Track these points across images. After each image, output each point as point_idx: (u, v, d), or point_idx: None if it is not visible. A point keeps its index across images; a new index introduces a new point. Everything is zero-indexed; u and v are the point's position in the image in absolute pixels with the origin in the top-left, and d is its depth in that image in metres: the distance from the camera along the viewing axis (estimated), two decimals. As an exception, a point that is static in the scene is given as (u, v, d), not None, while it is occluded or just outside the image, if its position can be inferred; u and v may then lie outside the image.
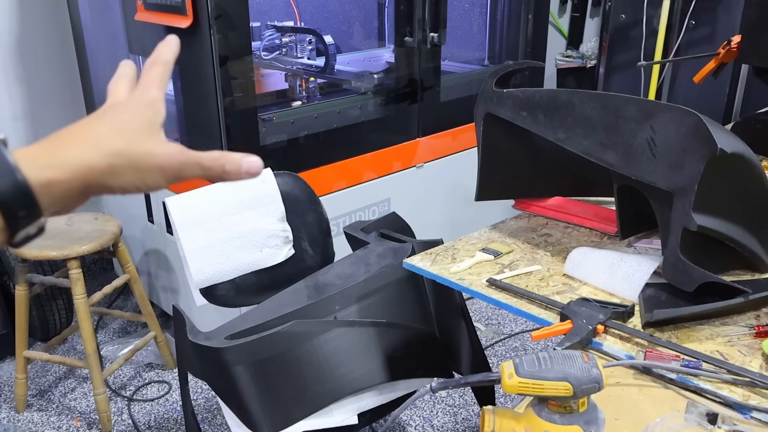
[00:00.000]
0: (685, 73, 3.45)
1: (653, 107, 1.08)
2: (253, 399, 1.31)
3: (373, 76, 2.50)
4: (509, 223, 1.49)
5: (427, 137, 2.65)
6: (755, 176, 1.12)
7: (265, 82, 2.50)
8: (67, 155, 0.47)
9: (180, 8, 1.94)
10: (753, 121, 1.85)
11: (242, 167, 0.53)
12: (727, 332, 1.04)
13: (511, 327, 2.69)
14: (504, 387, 0.78)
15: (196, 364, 1.44)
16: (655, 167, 1.07)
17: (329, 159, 2.33)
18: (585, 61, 3.77)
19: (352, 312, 1.41)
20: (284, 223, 1.76)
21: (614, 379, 0.97)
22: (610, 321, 1.05)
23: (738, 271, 1.20)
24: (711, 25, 3.32)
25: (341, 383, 1.36)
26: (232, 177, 0.53)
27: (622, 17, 3.55)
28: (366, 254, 1.61)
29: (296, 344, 1.33)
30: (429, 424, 2.17)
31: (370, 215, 2.50)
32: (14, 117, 2.62)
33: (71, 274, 2.01)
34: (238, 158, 0.54)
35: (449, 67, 2.92)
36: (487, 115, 1.38)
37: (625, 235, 1.35)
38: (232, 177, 0.53)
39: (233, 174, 0.53)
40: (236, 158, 0.53)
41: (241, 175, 0.53)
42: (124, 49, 2.37)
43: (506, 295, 1.18)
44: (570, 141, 1.20)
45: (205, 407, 2.24)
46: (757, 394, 0.90)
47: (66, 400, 2.29)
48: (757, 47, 1.68)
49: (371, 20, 3.12)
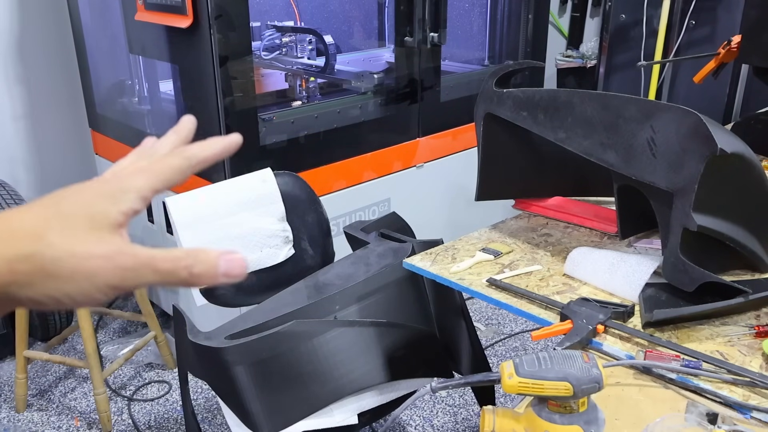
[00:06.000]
0: (685, 73, 3.45)
1: (653, 107, 1.08)
2: (253, 399, 1.31)
3: (373, 76, 2.50)
4: (509, 223, 1.49)
5: (427, 137, 2.65)
6: (755, 176, 1.12)
7: (265, 82, 2.50)
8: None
9: (180, 8, 1.94)
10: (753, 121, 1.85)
11: (219, 268, 0.41)
12: (727, 332, 1.04)
13: (511, 327, 2.69)
14: (504, 387, 0.78)
15: (196, 364, 1.44)
16: (655, 167, 1.07)
17: (329, 159, 2.33)
18: (585, 61, 3.77)
19: (352, 312, 1.41)
20: (284, 222, 1.76)
21: (614, 379, 0.97)
22: (610, 321, 1.05)
23: (738, 271, 1.20)
24: (711, 25, 3.32)
25: (341, 383, 1.36)
26: (204, 282, 0.41)
27: (622, 17, 3.55)
28: (366, 254, 1.61)
29: (296, 344, 1.33)
30: (429, 423, 2.17)
31: (370, 215, 2.50)
32: (14, 117, 2.62)
33: (71, 274, 2.01)
34: (214, 257, 0.41)
35: (449, 67, 2.92)
36: (487, 115, 1.38)
37: (625, 235, 1.35)
38: (205, 281, 0.41)
39: (206, 278, 0.41)
40: (210, 258, 0.41)
41: (218, 278, 0.41)
42: (124, 49, 2.38)
43: (506, 295, 1.18)
44: (570, 141, 1.20)
45: (205, 407, 2.24)
46: (757, 394, 0.90)
47: (66, 400, 2.29)
48: (757, 47, 1.68)
49: (371, 20, 3.12)
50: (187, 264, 0.40)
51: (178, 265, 0.40)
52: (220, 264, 0.41)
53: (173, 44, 2.11)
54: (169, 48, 2.14)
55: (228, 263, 0.41)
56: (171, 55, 2.15)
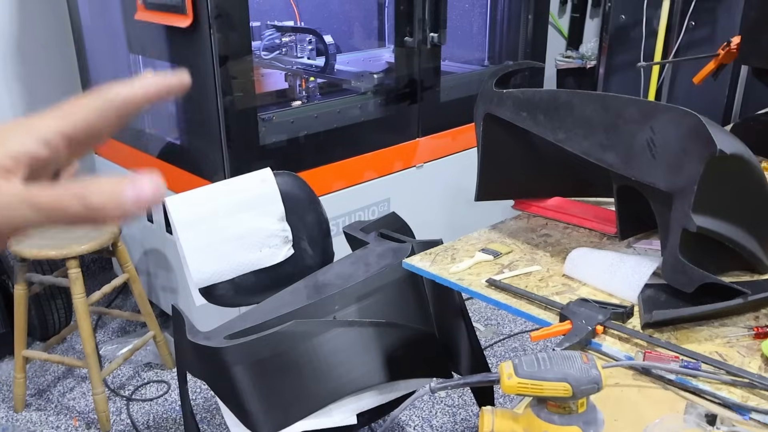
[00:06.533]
0: (684, 74, 3.45)
1: (653, 108, 1.08)
2: (252, 399, 1.31)
3: (373, 76, 2.50)
4: (509, 224, 1.49)
5: (427, 137, 2.65)
6: (755, 177, 1.12)
7: (265, 82, 2.50)
8: None
9: (180, 7, 1.94)
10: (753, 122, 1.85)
11: (124, 195, 0.34)
12: (726, 333, 1.04)
13: (511, 327, 2.69)
14: (503, 387, 0.78)
15: (195, 364, 1.44)
16: (655, 168, 1.07)
17: (329, 159, 2.33)
18: (585, 62, 3.77)
19: (352, 312, 1.41)
20: (284, 222, 1.76)
21: (613, 379, 0.97)
22: (609, 322, 1.05)
23: (737, 272, 1.20)
24: (711, 26, 3.33)
25: (340, 383, 1.36)
26: (110, 214, 0.34)
27: (622, 18, 3.55)
28: (365, 254, 1.61)
29: (295, 344, 1.33)
30: (428, 424, 2.17)
31: (369, 215, 2.50)
32: (14, 117, 2.62)
33: (70, 274, 2.01)
34: (115, 183, 0.34)
35: (449, 68, 2.92)
36: (487, 115, 1.38)
37: (624, 236, 1.35)
38: (111, 213, 0.34)
39: (111, 209, 0.34)
40: (111, 184, 0.34)
41: (126, 207, 0.34)
42: (123, 49, 2.37)
43: (505, 296, 1.18)
44: (570, 142, 1.20)
45: (204, 407, 2.24)
46: (756, 395, 0.90)
47: (65, 400, 2.29)
48: (756, 48, 1.68)
49: (371, 20, 3.12)
50: (78, 193, 0.33)
51: (64, 197, 0.34)
52: (125, 189, 0.34)
53: (173, 44, 2.11)
54: (168, 48, 2.14)
55: (136, 186, 0.34)
56: (171, 55, 2.15)
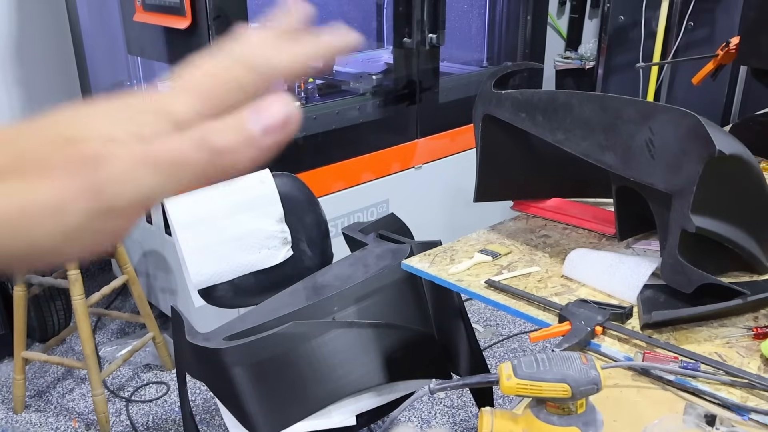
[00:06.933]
0: (683, 75, 3.45)
1: (652, 109, 1.08)
2: (251, 400, 1.31)
3: (372, 77, 2.50)
4: (508, 225, 1.49)
5: (426, 138, 2.65)
6: (754, 178, 1.12)
7: (264, 83, 2.49)
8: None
9: (178, 9, 1.94)
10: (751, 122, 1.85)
11: (250, 126, 0.30)
12: (726, 334, 1.04)
13: (510, 328, 2.69)
14: (502, 388, 0.78)
15: (194, 365, 1.44)
16: (654, 169, 1.07)
17: (328, 160, 2.33)
18: (584, 63, 3.77)
19: (351, 313, 1.41)
20: (283, 224, 1.76)
21: (612, 380, 0.97)
22: (608, 322, 1.05)
23: (736, 273, 1.20)
24: (710, 27, 3.33)
25: (339, 384, 1.36)
26: (238, 155, 0.30)
27: (621, 18, 3.55)
28: (364, 255, 1.61)
29: (295, 345, 1.33)
30: (427, 425, 2.16)
31: (368, 216, 2.50)
32: (13, 118, 2.61)
33: (69, 275, 2.01)
34: (236, 117, 0.31)
35: (448, 68, 2.92)
36: (486, 116, 1.38)
37: (623, 237, 1.35)
38: (240, 154, 0.30)
39: (238, 148, 0.30)
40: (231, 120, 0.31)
41: (257, 141, 0.30)
42: (122, 50, 2.37)
43: (505, 297, 1.18)
44: (568, 142, 1.20)
45: (204, 408, 2.24)
46: (756, 396, 0.90)
47: (64, 401, 2.29)
48: (755, 49, 1.68)
49: (370, 21, 3.12)
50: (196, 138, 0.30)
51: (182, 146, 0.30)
52: (249, 120, 0.30)
53: (172, 45, 2.11)
54: (167, 49, 2.14)
55: (262, 112, 0.30)
56: (169, 56, 2.15)
